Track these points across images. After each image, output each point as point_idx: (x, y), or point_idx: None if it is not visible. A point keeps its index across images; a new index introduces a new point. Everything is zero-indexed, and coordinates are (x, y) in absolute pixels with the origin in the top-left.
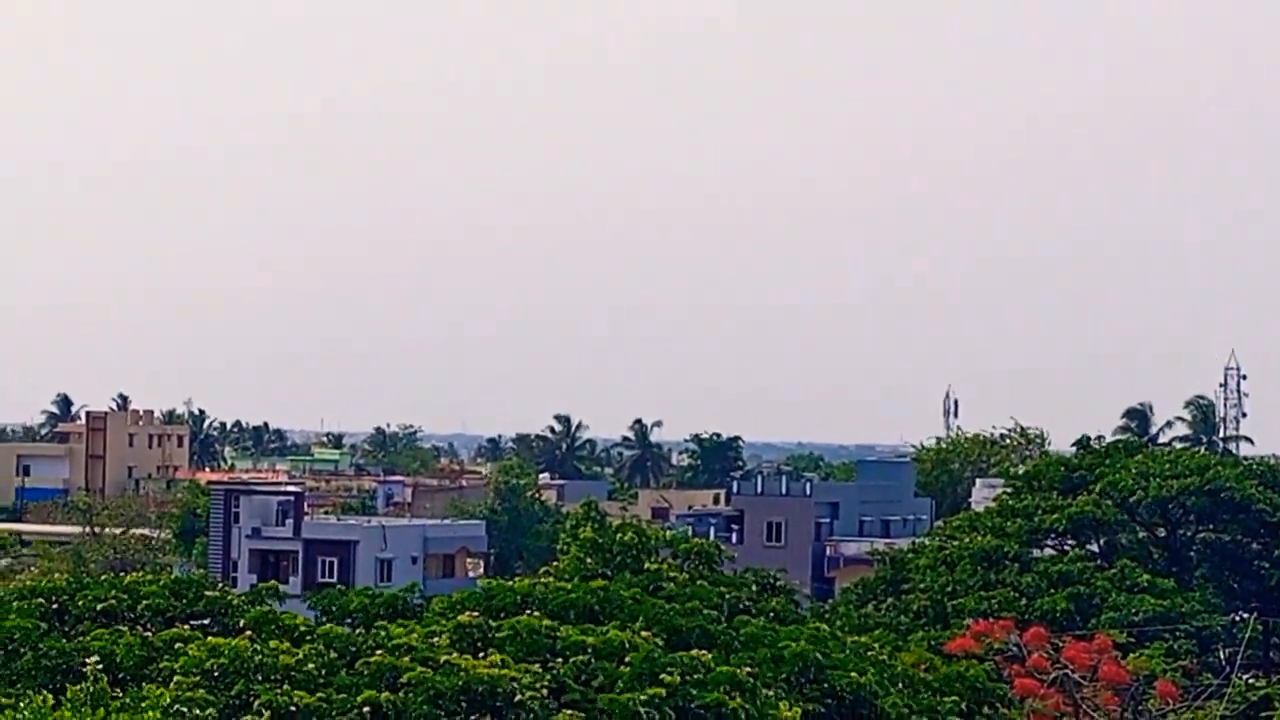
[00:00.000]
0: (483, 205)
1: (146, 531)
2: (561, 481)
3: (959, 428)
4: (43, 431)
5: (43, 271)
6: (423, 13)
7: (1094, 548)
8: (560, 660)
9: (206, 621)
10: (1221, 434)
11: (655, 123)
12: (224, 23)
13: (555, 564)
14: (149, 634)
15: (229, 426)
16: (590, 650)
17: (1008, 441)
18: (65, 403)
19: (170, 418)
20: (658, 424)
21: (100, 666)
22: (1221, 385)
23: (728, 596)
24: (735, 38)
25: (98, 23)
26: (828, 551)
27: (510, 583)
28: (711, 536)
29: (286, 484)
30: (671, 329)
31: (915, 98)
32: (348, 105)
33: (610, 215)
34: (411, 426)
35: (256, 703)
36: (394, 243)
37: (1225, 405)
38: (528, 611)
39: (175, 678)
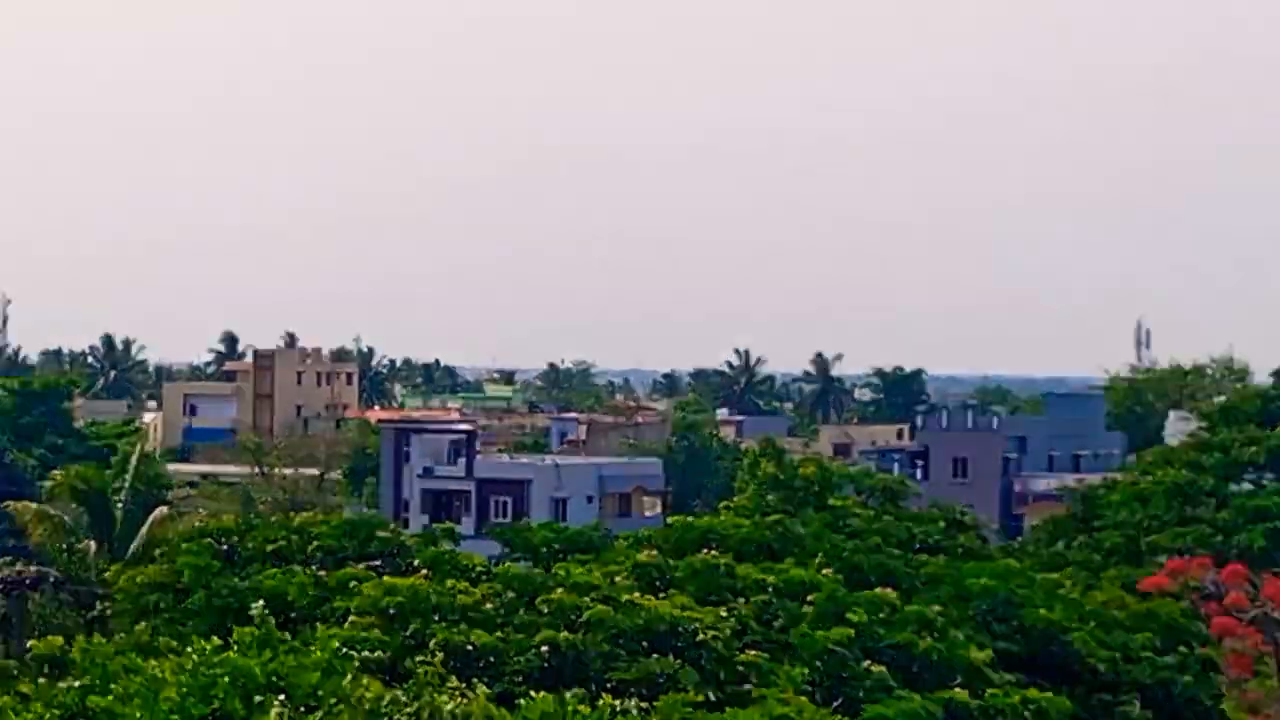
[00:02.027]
0: (654, 124)
1: (316, 471)
2: (740, 418)
3: (1153, 359)
4: (209, 370)
5: (207, 206)
6: None
7: None
8: (741, 600)
9: (379, 562)
10: None
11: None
12: None
13: (735, 500)
14: (321, 574)
15: (398, 364)
16: (771, 589)
17: (1209, 372)
18: (231, 341)
19: (339, 355)
20: (838, 357)
21: (267, 610)
22: None
23: (915, 533)
24: None
25: None
26: (1016, 487)
27: (690, 520)
28: (896, 472)
29: (458, 422)
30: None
31: None
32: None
33: (787, 137)
34: (585, 362)
35: (432, 642)
36: (566, 176)
37: None
38: (708, 549)
39: (350, 617)
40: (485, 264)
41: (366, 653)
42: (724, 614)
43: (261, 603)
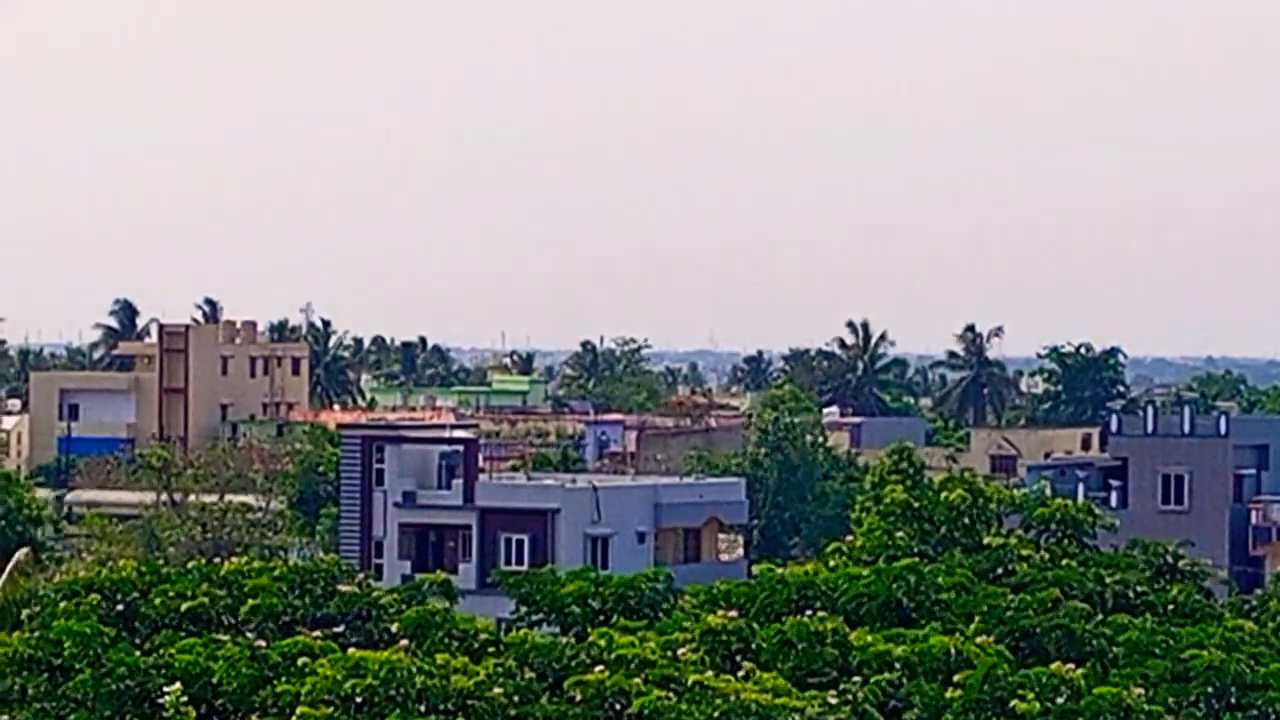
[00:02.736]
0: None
1: (250, 499)
2: (857, 419)
3: None
4: (97, 355)
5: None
6: None
7: None
8: (857, 681)
9: (341, 629)
10: None
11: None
12: None
13: (849, 539)
14: (259, 645)
15: (366, 344)
16: (900, 666)
17: None
18: (128, 312)
19: (282, 332)
20: (998, 332)
21: (184, 698)
22: None
23: (1108, 583)
24: None
25: None
26: (1254, 518)
27: (785, 569)
28: (1081, 496)
29: (452, 427)
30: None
31: None
32: None
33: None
34: (634, 341)
35: None
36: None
37: None
38: (809, 610)
39: (299, 709)
40: (488, 206)
41: None
42: (833, 701)
43: (178, 686)
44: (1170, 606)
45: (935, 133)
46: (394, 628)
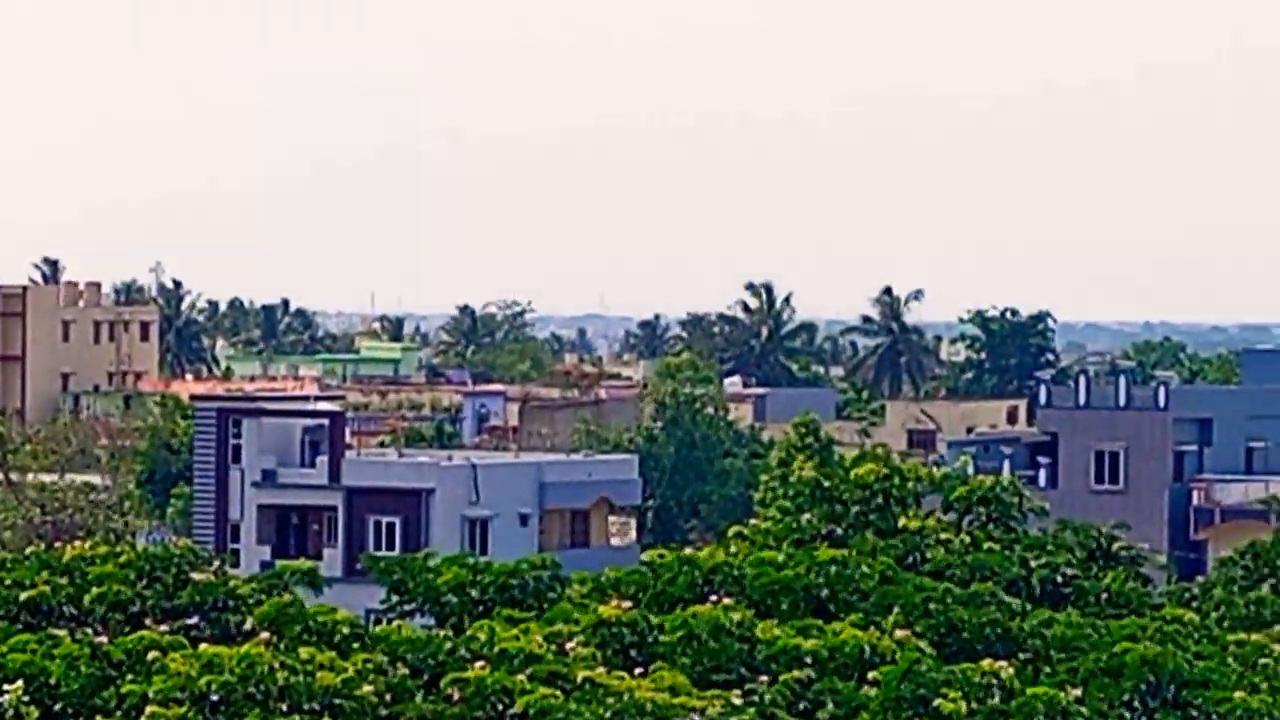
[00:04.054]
0: None
1: (94, 478)
2: (761, 390)
3: None
4: None
5: None
6: None
7: None
8: (764, 679)
9: (194, 621)
10: None
11: None
12: None
13: (754, 522)
14: (103, 640)
15: (222, 308)
16: (813, 662)
17: None
18: None
19: (129, 294)
20: (916, 295)
21: (25, 698)
22: None
23: (1034, 569)
24: None
25: None
26: (1195, 498)
27: (687, 554)
28: (1007, 474)
29: (316, 398)
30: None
31: None
32: None
33: None
34: (517, 304)
35: None
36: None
37: None
38: (711, 599)
39: (149, 709)
40: (360, 151)
41: None
42: (737, 701)
43: (19, 685)
44: (1104, 595)
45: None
46: (251, 620)
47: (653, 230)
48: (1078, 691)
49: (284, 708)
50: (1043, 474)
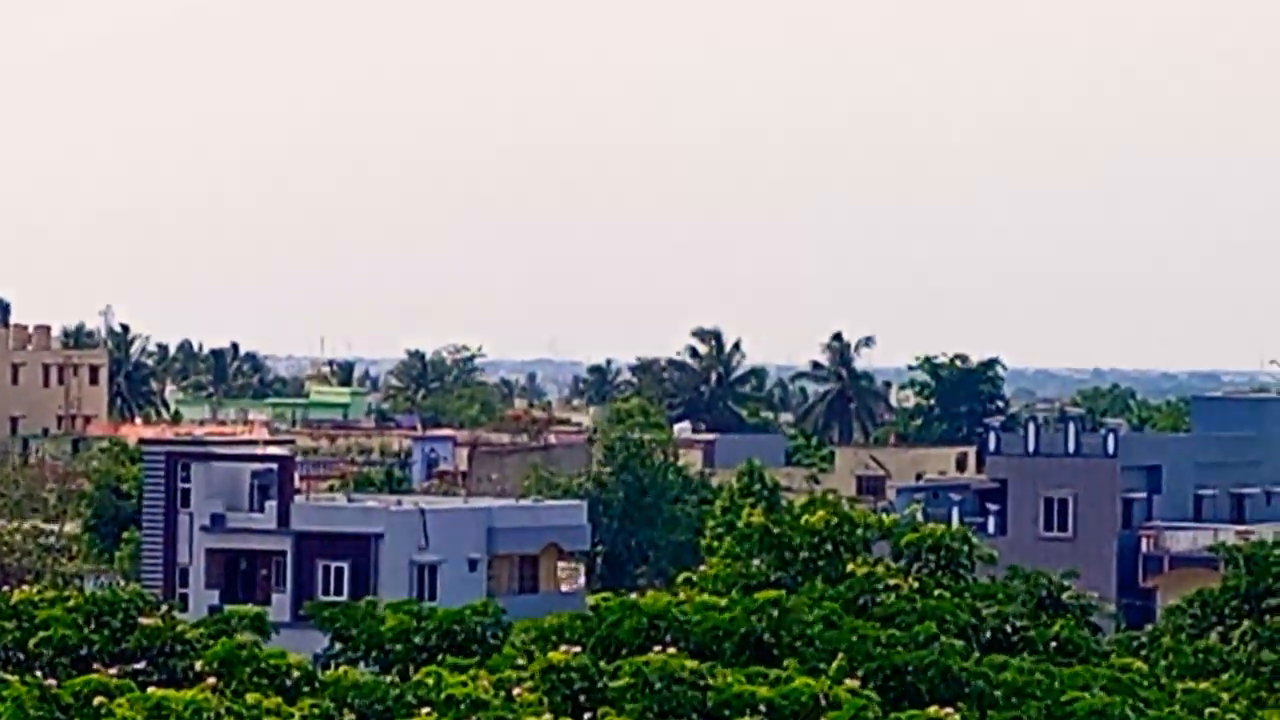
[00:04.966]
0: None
1: (40, 523)
2: (711, 436)
3: None
4: None
5: None
6: None
7: None
8: None
9: (142, 665)
10: None
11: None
12: None
13: (702, 569)
14: (51, 684)
15: (172, 352)
16: (763, 708)
17: None
18: None
19: (78, 338)
20: (867, 341)
21: None
22: None
23: (984, 617)
24: None
25: None
26: (1144, 546)
27: (632, 599)
28: (956, 521)
29: (266, 443)
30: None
31: None
32: None
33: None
34: (466, 348)
35: None
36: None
37: None
38: (658, 646)
39: None
40: (307, 199)
41: None
42: None
43: None
44: (1052, 643)
45: (793, 126)
46: (200, 664)
47: (603, 276)
48: None
49: None
50: (991, 521)
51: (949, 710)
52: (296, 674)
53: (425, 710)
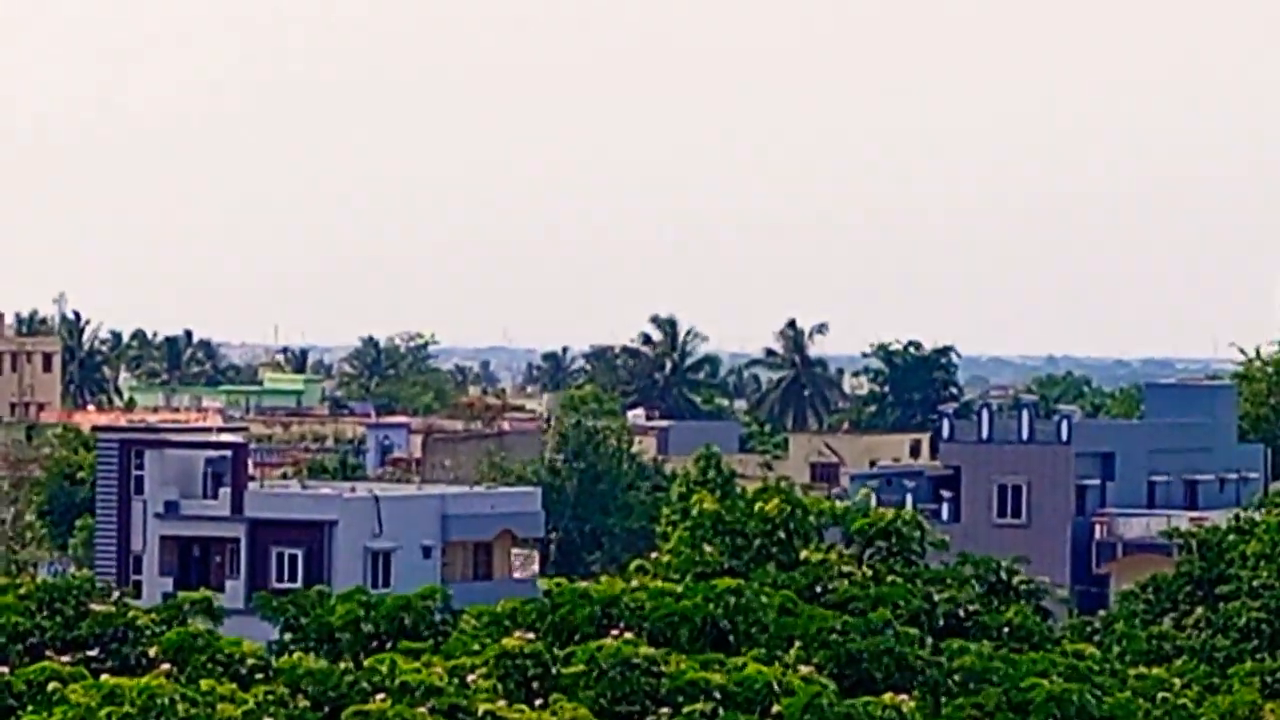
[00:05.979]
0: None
1: None
2: (665, 423)
3: None
4: None
5: None
6: None
7: None
8: (667, 711)
9: (95, 652)
10: None
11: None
12: None
13: (655, 556)
14: (3, 671)
15: (125, 339)
16: (717, 695)
17: None
18: None
19: (31, 325)
20: (820, 329)
21: None
22: None
23: (937, 603)
24: None
25: None
26: (1097, 532)
27: (584, 586)
28: (909, 507)
29: (219, 430)
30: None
31: None
32: None
33: None
34: (420, 336)
35: None
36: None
37: None
38: (613, 633)
39: None
40: (256, 186)
41: None
42: None
43: None
44: (1005, 629)
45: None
46: (153, 651)
47: (556, 263)
48: None
49: None
50: (945, 508)
51: (903, 697)
52: (250, 661)
53: (380, 696)
